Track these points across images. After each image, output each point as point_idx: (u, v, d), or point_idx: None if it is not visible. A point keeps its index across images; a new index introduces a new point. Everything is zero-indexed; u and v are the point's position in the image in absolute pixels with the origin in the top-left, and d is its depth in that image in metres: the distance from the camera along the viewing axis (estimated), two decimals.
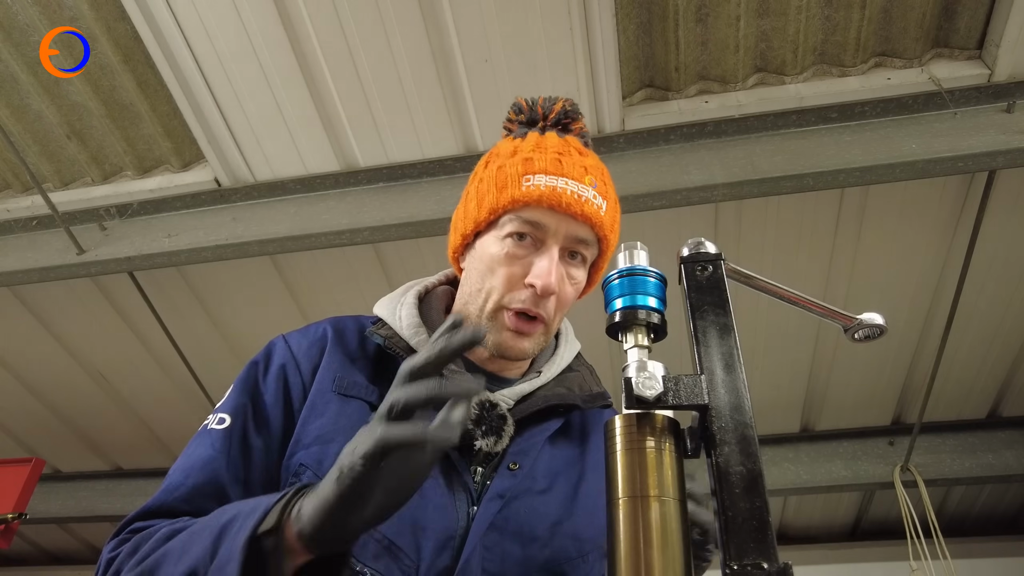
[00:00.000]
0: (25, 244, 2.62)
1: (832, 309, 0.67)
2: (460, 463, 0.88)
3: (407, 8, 2.04)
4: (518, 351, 0.92)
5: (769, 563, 0.47)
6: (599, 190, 0.92)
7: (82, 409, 3.42)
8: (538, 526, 0.88)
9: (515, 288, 0.90)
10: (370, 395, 0.92)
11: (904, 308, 2.62)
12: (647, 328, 0.64)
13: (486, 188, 0.95)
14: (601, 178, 0.94)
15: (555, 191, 0.88)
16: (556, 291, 0.89)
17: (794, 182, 2.03)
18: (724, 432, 0.54)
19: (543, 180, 0.90)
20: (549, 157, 0.92)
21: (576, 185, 0.90)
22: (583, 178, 0.91)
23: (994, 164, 1.96)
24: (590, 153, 0.98)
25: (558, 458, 0.96)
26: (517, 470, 0.90)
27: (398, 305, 0.99)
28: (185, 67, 2.22)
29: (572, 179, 0.90)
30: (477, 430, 0.87)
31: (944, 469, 2.90)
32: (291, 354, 0.95)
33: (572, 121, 1.00)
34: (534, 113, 1.00)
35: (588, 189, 0.90)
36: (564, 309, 0.94)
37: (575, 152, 0.94)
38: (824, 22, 2.07)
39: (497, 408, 0.89)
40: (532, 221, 0.89)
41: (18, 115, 2.47)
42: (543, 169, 0.91)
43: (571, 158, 0.93)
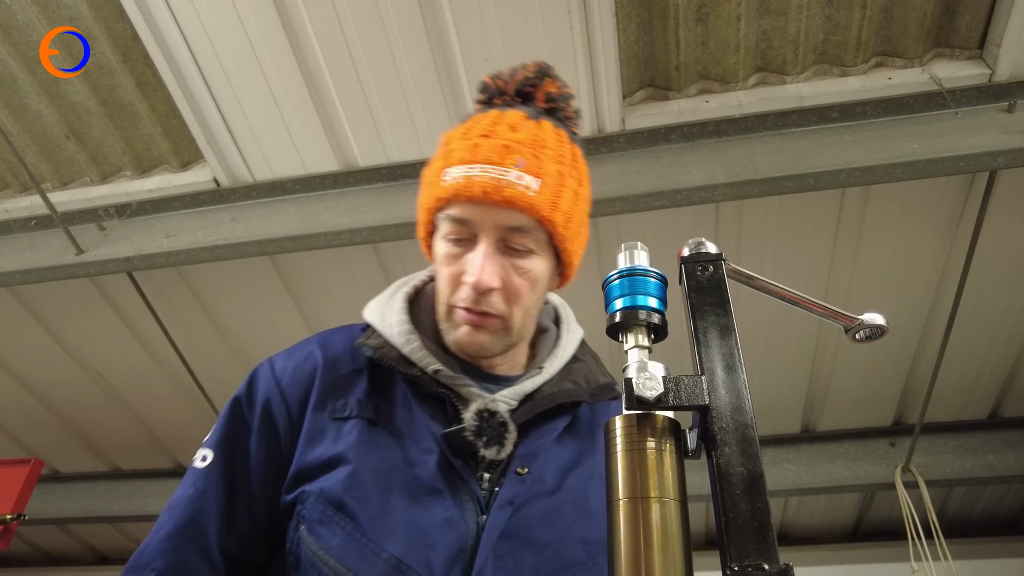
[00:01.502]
0: (24, 244, 2.61)
1: (833, 309, 0.66)
2: (465, 471, 0.86)
3: (407, 8, 2.04)
4: (476, 346, 0.88)
5: (770, 564, 0.47)
6: (528, 168, 0.83)
7: (81, 409, 3.42)
8: (548, 532, 0.87)
9: (457, 287, 0.87)
10: (365, 411, 0.89)
11: (905, 308, 2.61)
12: (647, 328, 0.63)
13: (422, 187, 0.94)
14: (534, 152, 0.85)
15: (469, 181, 0.82)
16: (492, 286, 0.84)
17: (795, 182, 2.03)
18: (725, 433, 0.53)
19: (459, 172, 0.84)
20: (468, 144, 0.86)
21: (494, 170, 0.82)
22: (504, 159, 0.83)
23: (995, 164, 1.96)
24: (527, 126, 0.87)
25: (567, 455, 0.93)
26: (526, 474, 0.87)
27: (388, 306, 0.96)
28: (184, 67, 2.22)
29: (490, 163, 0.83)
30: (479, 441, 0.85)
31: (945, 470, 2.89)
32: (276, 385, 0.91)
33: (534, 86, 0.93)
34: (494, 88, 0.94)
35: (509, 171, 0.82)
36: (522, 300, 0.88)
37: (505, 129, 0.86)
38: (825, 22, 2.07)
39: (497, 415, 0.86)
40: (457, 218, 0.85)
41: (17, 115, 2.47)
42: (459, 159, 0.85)
43: (495, 139, 0.85)
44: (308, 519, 0.82)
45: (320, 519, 0.82)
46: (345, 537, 0.80)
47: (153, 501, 3.62)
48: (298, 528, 0.83)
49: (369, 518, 0.81)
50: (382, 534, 0.80)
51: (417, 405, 0.89)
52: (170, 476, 3.70)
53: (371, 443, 0.86)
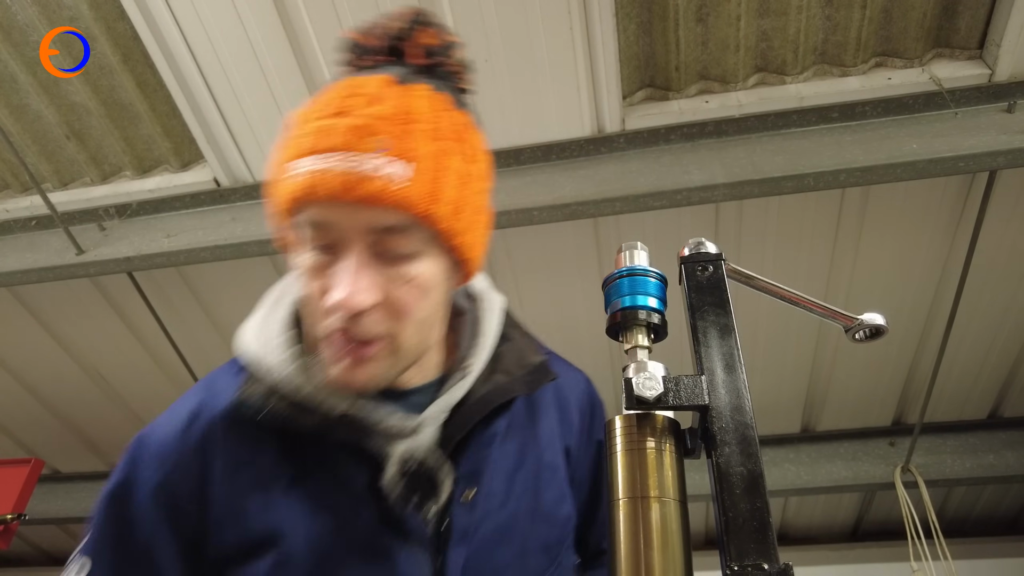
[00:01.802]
0: (24, 244, 2.62)
1: (833, 309, 0.66)
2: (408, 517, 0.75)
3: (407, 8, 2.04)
4: (359, 385, 0.70)
5: (770, 564, 0.47)
6: (395, 150, 0.64)
7: (81, 409, 3.42)
8: (508, 551, 0.81)
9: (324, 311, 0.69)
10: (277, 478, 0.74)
11: (905, 308, 2.61)
12: (647, 328, 0.63)
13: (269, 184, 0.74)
14: (400, 129, 0.65)
15: (318, 177, 0.63)
16: (365, 305, 0.66)
17: (795, 182, 2.03)
18: (725, 433, 0.54)
19: (304, 165, 0.65)
20: (316, 127, 0.66)
21: (348, 159, 0.63)
22: (361, 142, 0.64)
23: (995, 164, 1.96)
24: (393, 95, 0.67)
25: (511, 455, 0.85)
26: (473, 497, 0.78)
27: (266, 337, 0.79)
28: (184, 67, 2.22)
29: (346, 149, 0.63)
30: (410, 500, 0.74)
31: (945, 470, 2.89)
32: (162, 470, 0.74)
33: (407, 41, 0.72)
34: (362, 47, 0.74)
35: (369, 159, 0.63)
36: (409, 316, 0.70)
37: (362, 103, 0.66)
38: (825, 22, 2.07)
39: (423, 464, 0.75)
40: (312, 224, 0.67)
41: (17, 115, 2.47)
42: (306, 148, 0.66)
43: (348, 118, 0.65)
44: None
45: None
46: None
47: None
48: None
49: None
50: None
51: (333, 457, 0.75)
52: None
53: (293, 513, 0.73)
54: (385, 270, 0.68)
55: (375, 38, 0.73)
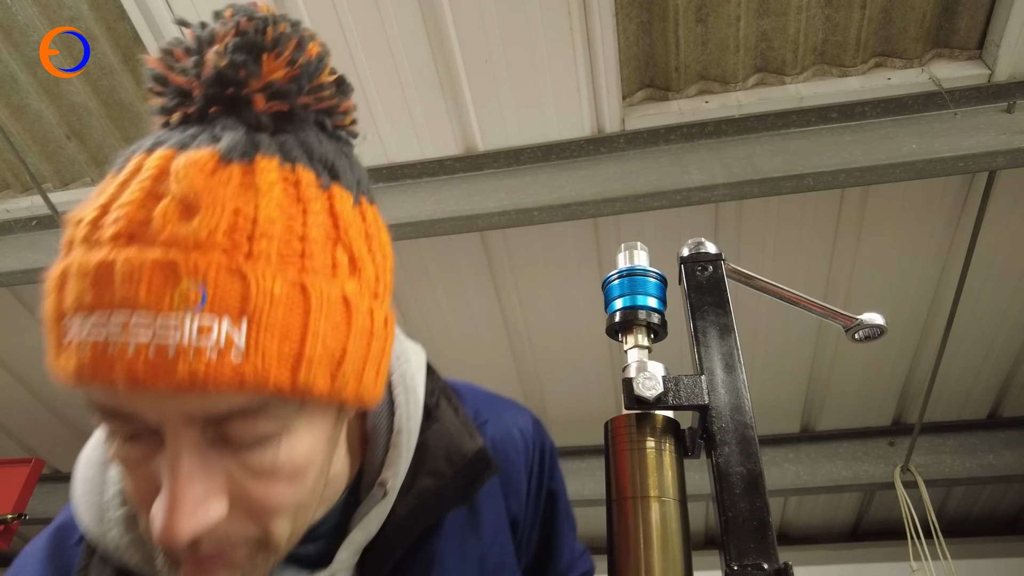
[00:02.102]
0: (25, 244, 2.62)
1: (832, 309, 0.67)
2: None
3: (407, 8, 2.04)
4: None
5: (769, 563, 0.47)
6: (226, 302, 0.40)
7: (81, 409, 3.40)
8: None
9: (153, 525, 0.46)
10: None
11: (904, 308, 2.62)
12: (647, 328, 0.63)
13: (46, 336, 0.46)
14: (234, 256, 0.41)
15: (105, 352, 0.39)
16: (200, 531, 0.44)
17: (794, 182, 2.03)
18: (724, 432, 0.54)
19: (83, 328, 0.40)
20: (93, 262, 0.41)
21: (149, 321, 0.39)
22: (164, 296, 0.40)
23: (994, 164, 1.96)
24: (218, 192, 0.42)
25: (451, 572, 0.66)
26: None
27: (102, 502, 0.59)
28: None
29: (139, 308, 0.39)
30: None
31: (944, 469, 2.89)
32: None
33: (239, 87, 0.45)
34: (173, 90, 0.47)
35: (179, 319, 0.40)
36: (279, 509, 0.49)
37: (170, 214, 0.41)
38: (824, 22, 2.07)
39: None
40: (110, 411, 0.44)
41: (17, 115, 2.47)
42: (78, 300, 0.41)
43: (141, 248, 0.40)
44: None
45: None
46: None
47: None
48: None
49: None
50: None
51: None
52: None
53: None
54: (232, 458, 0.46)
55: (191, 75, 0.45)
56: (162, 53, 0.46)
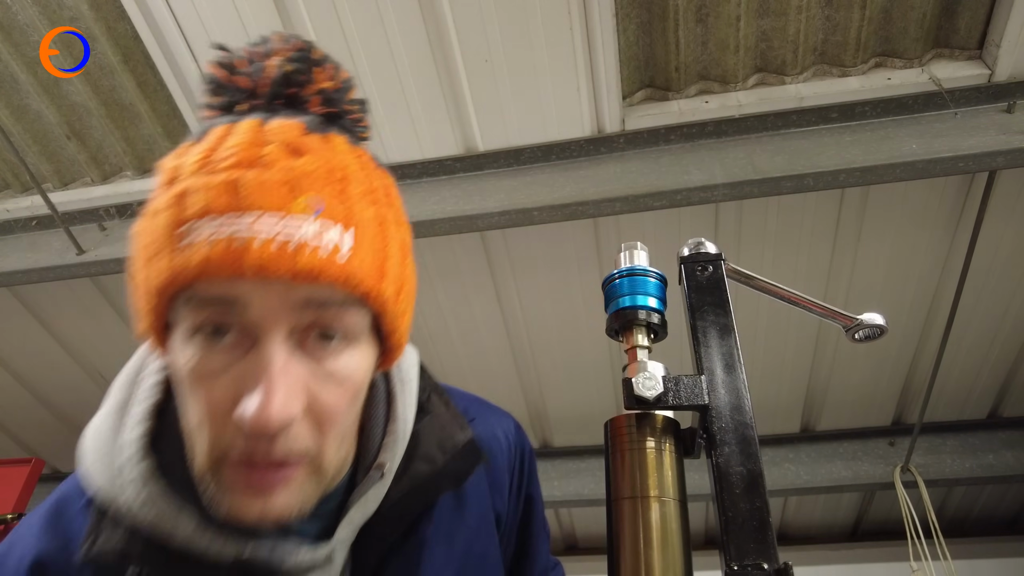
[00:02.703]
0: (25, 244, 2.62)
1: (832, 309, 0.67)
2: None
3: (407, 8, 2.04)
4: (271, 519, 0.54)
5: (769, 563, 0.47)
6: (330, 212, 0.51)
7: (82, 409, 3.42)
8: None
9: (225, 426, 0.52)
10: None
11: (904, 308, 2.62)
12: (647, 328, 0.64)
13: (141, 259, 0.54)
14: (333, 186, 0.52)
15: (232, 246, 0.48)
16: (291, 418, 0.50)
17: (794, 182, 2.03)
18: (724, 432, 0.54)
19: (209, 228, 0.48)
20: (217, 182, 0.49)
21: (276, 221, 0.49)
22: (288, 204, 0.49)
23: (994, 164, 1.96)
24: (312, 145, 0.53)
25: (439, 556, 0.70)
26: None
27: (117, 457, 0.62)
28: (185, 67, 2.22)
29: (267, 209, 0.49)
30: None
31: (944, 469, 2.89)
32: None
33: (300, 85, 0.56)
34: (232, 87, 0.56)
35: (301, 223, 0.49)
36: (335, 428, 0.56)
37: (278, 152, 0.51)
38: (824, 22, 2.07)
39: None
40: (214, 301, 0.50)
41: (18, 115, 2.47)
42: (205, 207, 0.49)
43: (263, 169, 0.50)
44: None
45: None
46: None
47: None
48: None
49: None
50: None
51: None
52: None
53: None
54: (311, 363, 0.53)
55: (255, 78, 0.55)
56: (220, 62, 0.56)
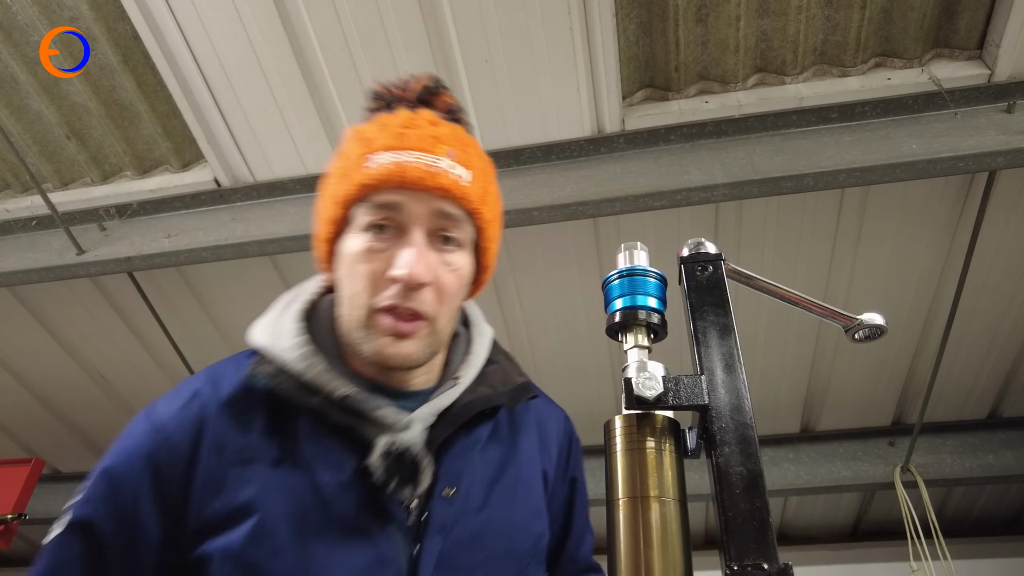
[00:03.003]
0: (25, 244, 2.62)
1: (832, 309, 0.67)
2: (390, 503, 0.79)
3: (407, 8, 2.04)
4: (401, 358, 0.79)
5: (769, 563, 0.47)
6: (459, 159, 0.81)
7: (81, 409, 3.42)
8: (478, 553, 0.84)
9: (380, 286, 0.78)
10: (268, 451, 0.78)
11: (904, 308, 2.62)
12: (647, 328, 0.64)
13: (333, 181, 0.85)
14: (461, 146, 0.83)
15: (401, 167, 0.77)
16: (427, 280, 0.77)
17: (794, 182, 2.03)
18: (724, 432, 0.54)
19: (386, 157, 0.78)
20: (392, 132, 0.80)
21: (427, 157, 0.78)
22: (435, 148, 0.80)
23: (994, 164, 1.96)
24: (446, 123, 0.85)
25: (491, 465, 0.89)
26: (454, 495, 0.82)
27: (278, 329, 0.84)
28: (185, 67, 2.22)
29: (421, 150, 0.79)
30: (390, 483, 0.77)
31: (944, 470, 2.89)
32: (158, 433, 0.78)
33: (433, 96, 0.87)
34: (389, 95, 0.87)
35: (441, 159, 0.79)
36: (451, 300, 0.82)
37: (425, 123, 0.82)
38: (824, 22, 2.07)
39: (407, 453, 0.79)
40: (383, 204, 0.78)
41: (18, 115, 2.47)
42: (385, 145, 0.79)
43: (419, 130, 0.81)
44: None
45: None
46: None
47: None
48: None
49: (285, 574, 0.73)
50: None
51: (326, 437, 0.79)
52: None
53: (278, 487, 0.76)
54: (439, 253, 0.81)
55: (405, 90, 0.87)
56: (380, 83, 0.88)
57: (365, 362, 0.83)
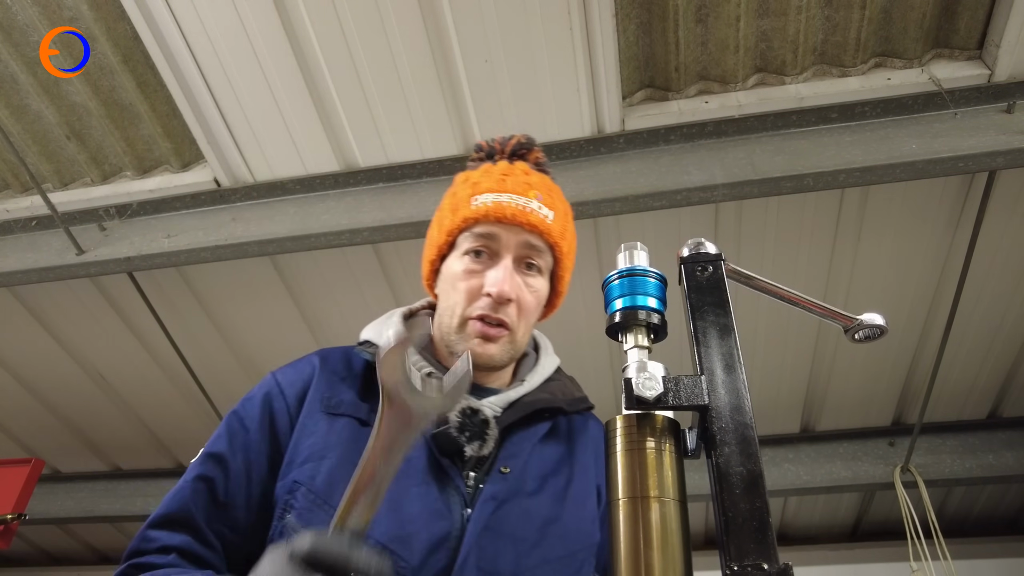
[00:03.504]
0: (24, 244, 2.62)
1: (832, 309, 0.67)
2: (452, 469, 0.92)
3: (407, 8, 2.04)
4: (486, 357, 0.97)
5: (769, 564, 0.47)
6: (544, 202, 1.01)
7: (81, 409, 3.42)
8: (528, 527, 0.93)
9: (475, 299, 0.97)
10: (358, 411, 0.96)
11: (904, 308, 2.62)
12: (647, 328, 0.63)
13: (444, 214, 1.05)
14: (547, 192, 1.03)
15: (500, 205, 0.98)
16: (512, 296, 0.96)
17: (794, 182, 2.03)
18: (724, 433, 0.54)
19: (489, 197, 0.99)
20: (494, 178, 1.02)
21: (520, 199, 0.99)
22: (527, 192, 1.00)
23: (994, 164, 1.96)
24: (537, 173, 1.06)
25: (547, 461, 1.01)
26: (508, 473, 0.95)
27: (385, 327, 1.06)
28: (185, 67, 2.22)
29: (516, 194, 0.99)
30: (462, 436, 0.92)
31: (944, 470, 2.89)
32: (277, 384, 0.99)
33: (527, 151, 1.09)
34: (491, 148, 1.10)
35: (532, 202, 0.99)
36: (528, 316, 1.01)
37: (520, 173, 1.04)
38: (824, 22, 2.07)
39: (479, 414, 0.94)
40: (482, 235, 0.98)
41: (18, 115, 2.47)
42: (488, 188, 1.00)
43: (515, 177, 1.02)
44: (297, 507, 0.88)
45: (308, 507, 0.87)
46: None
47: (153, 501, 3.62)
48: (283, 516, 0.88)
49: None
50: None
51: None
52: (170, 476, 3.70)
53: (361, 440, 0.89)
54: (521, 278, 0.99)
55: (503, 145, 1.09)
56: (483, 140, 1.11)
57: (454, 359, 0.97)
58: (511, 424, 0.98)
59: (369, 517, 0.66)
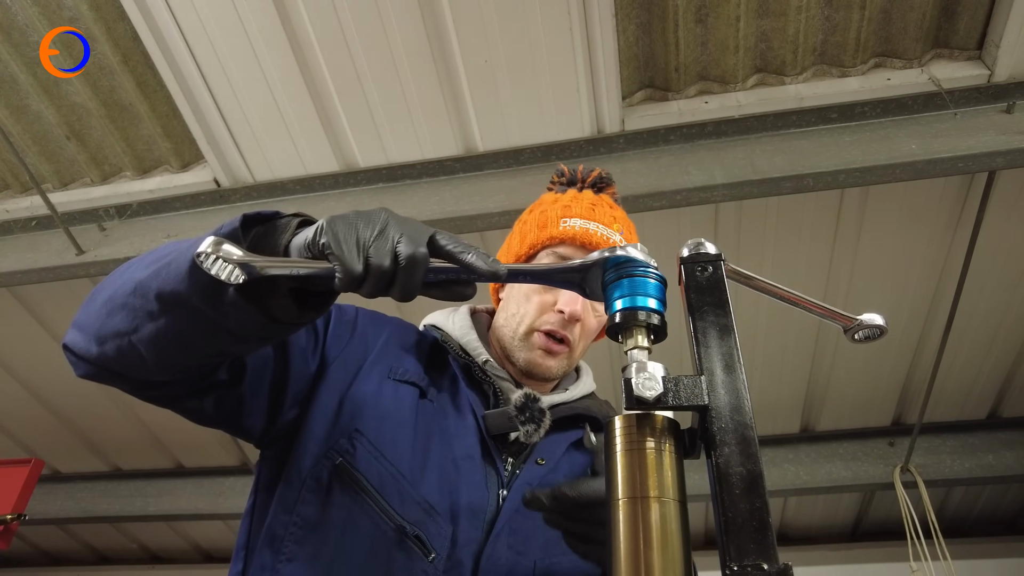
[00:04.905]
0: (24, 245, 2.62)
1: (832, 310, 0.67)
2: (495, 450, 0.99)
3: (407, 9, 2.04)
4: (545, 369, 1.04)
5: (769, 564, 0.47)
6: (625, 237, 1.10)
7: (81, 410, 3.42)
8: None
9: (545, 312, 1.04)
10: (420, 381, 1.02)
11: (904, 308, 2.62)
12: (647, 329, 0.63)
13: (528, 228, 1.12)
14: (628, 229, 1.12)
15: (587, 232, 1.06)
16: (580, 317, 1.02)
17: (794, 182, 2.03)
18: (724, 433, 0.54)
19: (578, 223, 1.07)
20: (584, 206, 1.10)
21: (606, 229, 1.07)
22: (612, 225, 1.09)
23: (994, 164, 1.96)
24: (620, 209, 1.16)
25: (577, 464, 1.07)
26: (544, 464, 1.01)
27: (452, 314, 1.14)
28: (184, 68, 2.22)
29: (603, 224, 1.08)
30: (520, 417, 0.97)
31: (944, 470, 2.89)
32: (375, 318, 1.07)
33: (606, 185, 1.19)
34: (573, 176, 1.19)
35: (616, 234, 1.07)
36: (588, 337, 1.08)
37: (607, 206, 1.13)
38: (824, 22, 2.07)
39: (539, 401, 0.98)
40: (565, 256, 1.06)
41: (17, 115, 2.47)
42: (579, 214, 1.09)
43: (603, 209, 1.11)
44: (357, 454, 0.92)
45: (367, 457, 0.92)
46: (386, 475, 0.92)
47: (153, 501, 3.62)
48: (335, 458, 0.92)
49: (409, 467, 0.93)
50: (418, 480, 0.92)
51: (464, 387, 1.04)
52: (170, 476, 3.70)
53: (420, 410, 0.99)
54: (588, 302, 1.04)
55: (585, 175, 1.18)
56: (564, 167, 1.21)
57: (510, 363, 1.08)
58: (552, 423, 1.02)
59: None
